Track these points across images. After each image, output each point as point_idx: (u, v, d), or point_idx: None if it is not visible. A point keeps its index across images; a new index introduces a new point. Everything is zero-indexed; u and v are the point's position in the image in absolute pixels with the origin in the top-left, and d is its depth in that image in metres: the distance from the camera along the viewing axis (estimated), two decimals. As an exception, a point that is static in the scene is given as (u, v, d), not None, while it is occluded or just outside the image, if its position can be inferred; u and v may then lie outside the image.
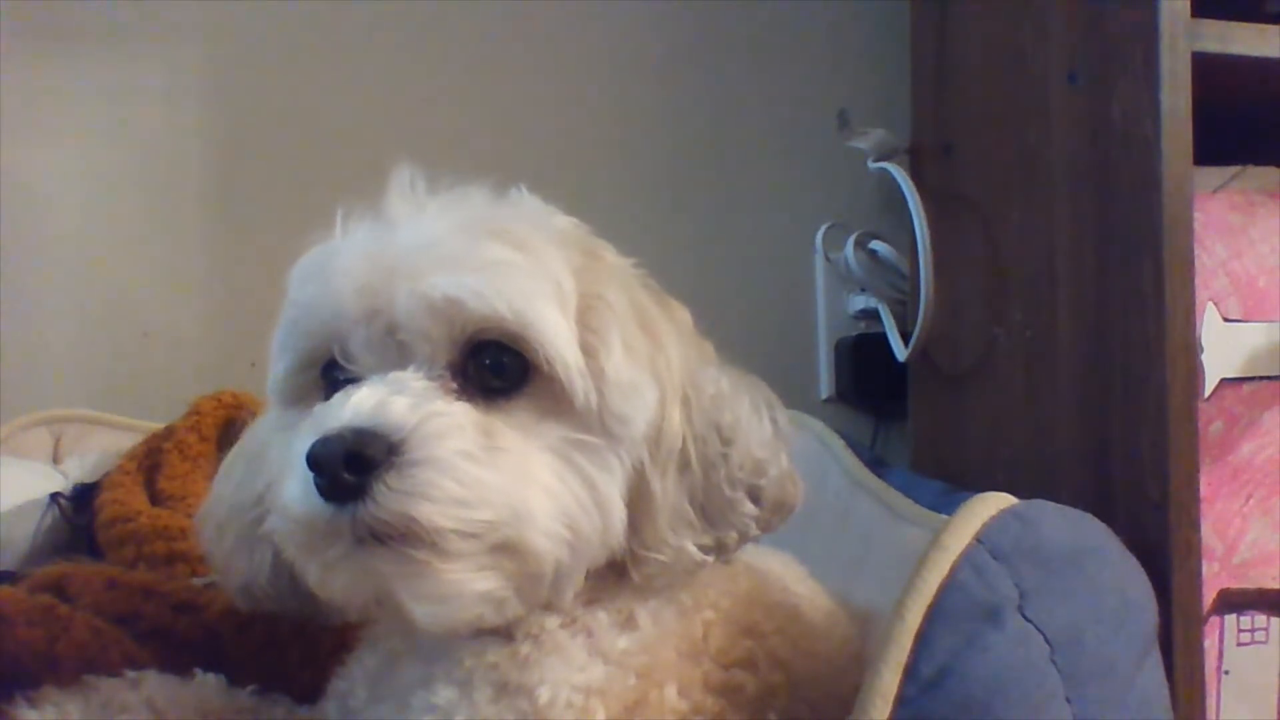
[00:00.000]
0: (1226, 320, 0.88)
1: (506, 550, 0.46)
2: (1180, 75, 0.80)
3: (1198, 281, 0.82)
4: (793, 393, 1.21)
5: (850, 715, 0.53)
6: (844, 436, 0.97)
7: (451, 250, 0.48)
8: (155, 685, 0.59)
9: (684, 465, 0.51)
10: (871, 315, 1.22)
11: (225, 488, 0.58)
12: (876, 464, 0.92)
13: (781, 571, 0.68)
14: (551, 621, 0.51)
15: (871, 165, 1.16)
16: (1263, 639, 0.87)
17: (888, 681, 0.52)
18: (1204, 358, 0.85)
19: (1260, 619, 0.87)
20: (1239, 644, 0.87)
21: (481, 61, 1.15)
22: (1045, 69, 0.94)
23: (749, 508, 0.52)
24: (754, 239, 1.22)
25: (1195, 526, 0.80)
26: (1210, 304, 0.87)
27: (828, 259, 1.23)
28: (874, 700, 0.52)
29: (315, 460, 0.44)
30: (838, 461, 0.92)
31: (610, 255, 0.55)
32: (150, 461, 0.88)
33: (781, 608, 0.60)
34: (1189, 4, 0.81)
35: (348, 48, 1.12)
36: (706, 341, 0.57)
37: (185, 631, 0.64)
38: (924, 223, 1.08)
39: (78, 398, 1.02)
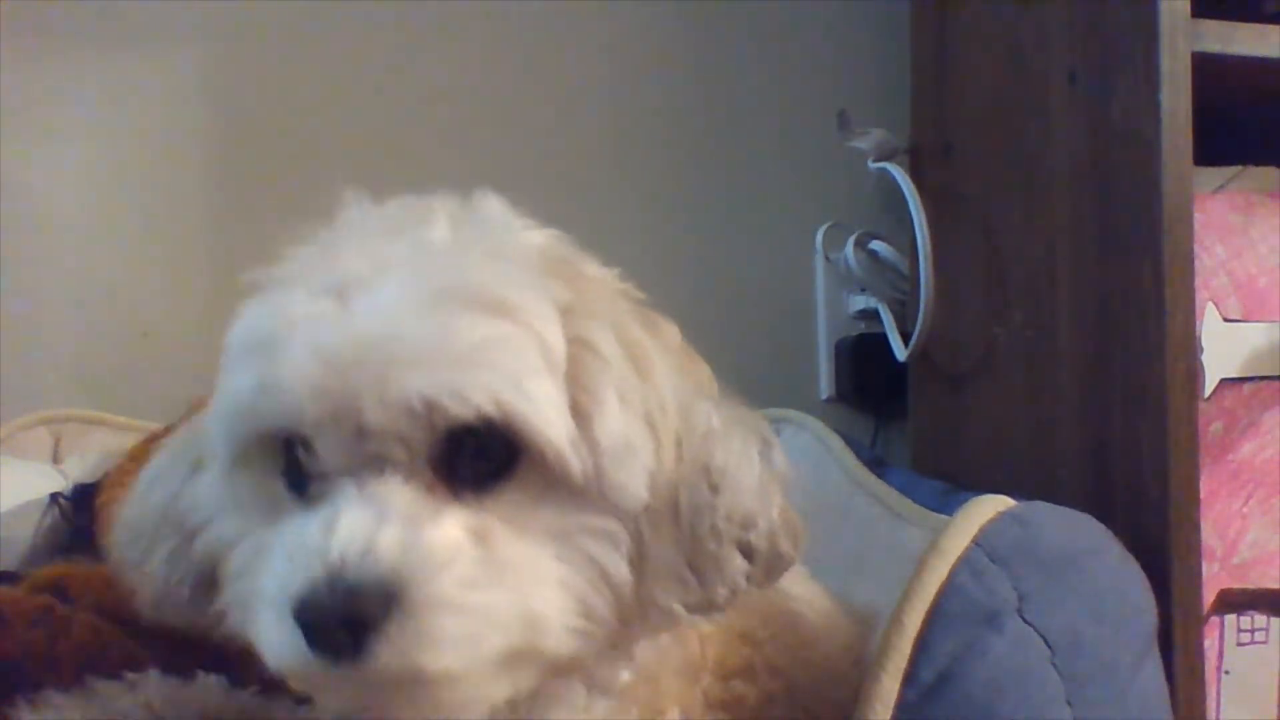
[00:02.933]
0: (1226, 320, 0.88)
1: (520, 657, 0.43)
2: (1180, 75, 0.80)
3: (1198, 281, 0.82)
4: (793, 393, 1.22)
5: (850, 721, 0.53)
6: (844, 436, 0.97)
7: (422, 339, 0.42)
8: (156, 686, 0.59)
9: (675, 517, 0.46)
10: (871, 315, 1.22)
11: (156, 496, 0.52)
12: (876, 464, 0.92)
13: (781, 572, 0.68)
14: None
15: (871, 165, 1.16)
16: (1263, 639, 0.87)
17: (887, 687, 0.52)
18: (1204, 358, 0.85)
19: (1260, 619, 0.87)
20: (1239, 644, 0.87)
21: (481, 61, 1.15)
22: (1045, 69, 0.94)
23: (738, 563, 0.47)
24: (754, 239, 1.22)
25: (1195, 526, 0.80)
26: (1210, 304, 0.87)
27: (828, 259, 1.23)
28: (874, 706, 0.52)
29: (306, 621, 0.40)
30: (837, 461, 0.92)
31: (593, 270, 0.51)
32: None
33: (779, 613, 0.59)
34: (1189, 4, 0.81)
35: (348, 48, 1.12)
36: (699, 361, 0.53)
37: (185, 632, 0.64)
38: (924, 223, 1.08)
39: (78, 398, 1.02)
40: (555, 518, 0.44)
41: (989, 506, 0.59)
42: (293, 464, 0.45)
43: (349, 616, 0.39)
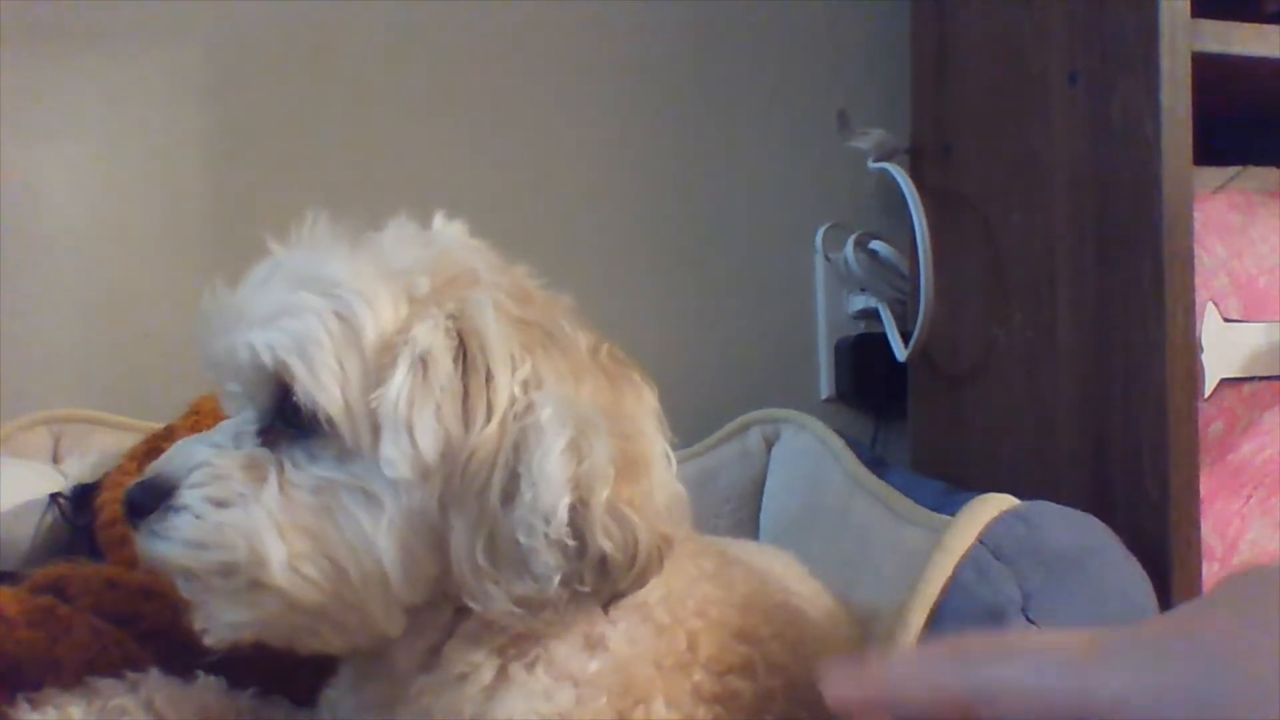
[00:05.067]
0: (1226, 320, 0.88)
1: (258, 588, 0.49)
2: (1180, 75, 0.80)
3: (1198, 281, 0.83)
4: (793, 393, 1.22)
5: (852, 717, 0.53)
6: (844, 436, 0.97)
7: (255, 304, 0.51)
8: (156, 686, 0.59)
9: (485, 508, 0.48)
10: (871, 315, 1.22)
11: None
12: (876, 464, 0.92)
13: (783, 572, 0.68)
14: (477, 656, 0.51)
15: (871, 165, 1.16)
16: (1263, 639, 0.87)
17: (890, 683, 0.52)
18: (1204, 358, 0.85)
19: (1260, 619, 0.87)
20: (1239, 644, 0.87)
21: (480, 61, 1.15)
22: (1045, 69, 0.94)
23: (551, 559, 0.47)
24: (754, 239, 1.22)
25: (1195, 526, 0.80)
26: (1210, 304, 0.87)
27: (828, 259, 1.23)
28: (876, 702, 0.52)
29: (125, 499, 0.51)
30: (837, 461, 0.93)
31: (491, 276, 0.54)
32: (151, 461, 0.87)
33: (781, 611, 0.60)
34: (1189, 4, 0.81)
35: (348, 48, 1.12)
36: (624, 369, 0.53)
37: (186, 632, 0.64)
38: (924, 223, 1.08)
39: (78, 398, 1.02)
40: (330, 474, 0.49)
41: (993, 505, 0.59)
42: None
43: (133, 504, 0.51)
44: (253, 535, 0.48)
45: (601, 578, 0.48)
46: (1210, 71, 0.81)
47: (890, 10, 1.20)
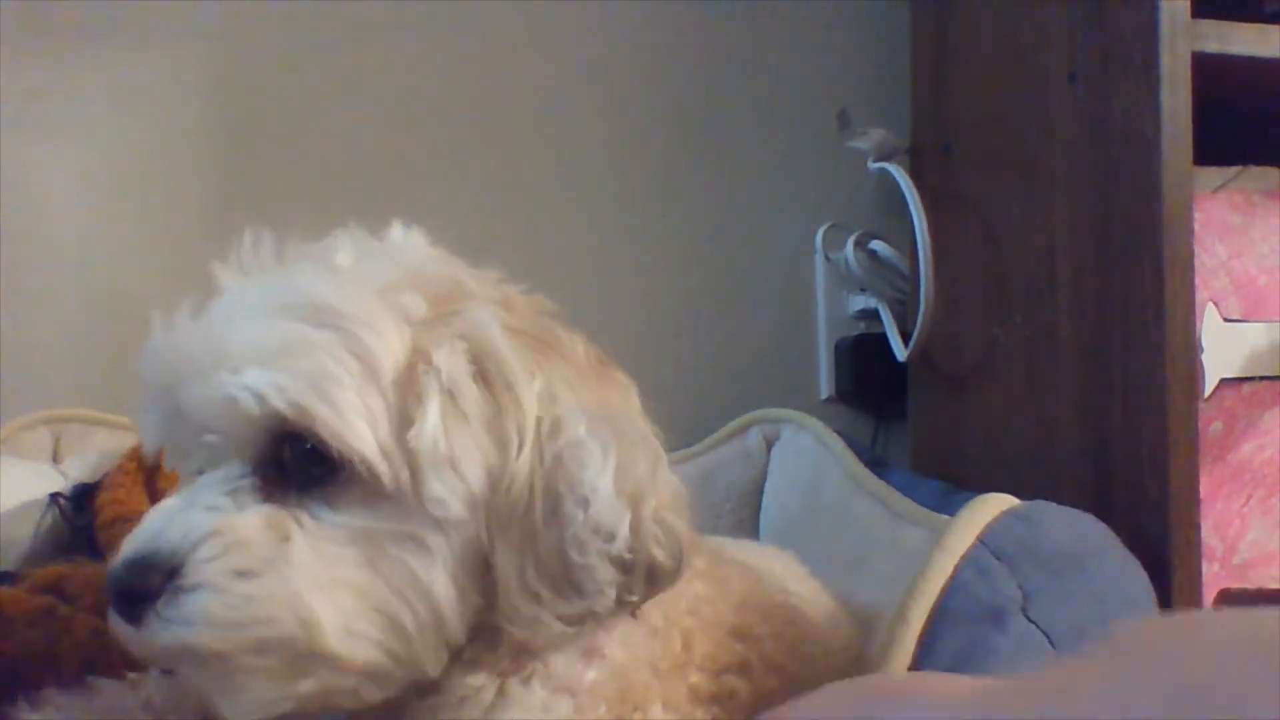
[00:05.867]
0: (1226, 320, 0.88)
1: (310, 658, 0.45)
2: (1180, 75, 0.80)
3: (1198, 281, 0.83)
4: (793, 393, 1.22)
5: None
6: (844, 436, 0.97)
7: (238, 340, 0.45)
8: (156, 686, 0.59)
9: (530, 531, 0.46)
10: (871, 315, 1.22)
11: None
12: (876, 464, 0.92)
13: (782, 571, 0.68)
14: (477, 680, 0.49)
15: (871, 165, 1.16)
16: (1263, 639, 0.87)
17: (890, 683, 0.52)
18: (1204, 358, 0.85)
19: (1260, 619, 0.87)
20: (1239, 644, 0.87)
21: (482, 60, 1.15)
22: (1045, 69, 0.94)
23: (606, 575, 0.46)
24: (754, 239, 1.22)
25: (1195, 526, 0.80)
26: (1210, 304, 0.87)
27: (828, 259, 1.23)
28: (876, 701, 0.52)
29: (110, 591, 0.44)
30: (837, 461, 0.92)
31: (478, 287, 0.51)
32: (151, 461, 0.87)
33: (779, 610, 0.59)
34: (1189, 4, 0.81)
35: (348, 47, 1.12)
36: (611, 372, 0.52)
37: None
38: (924, 223, 1.08)
39: (78, 398, 1.02)
40: (365, 522, 0.45)
41: (993, 505, 0.59)
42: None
43: (131, 589, 0.44)
44: (296, 602, 0.44)
45: (651, 585, 0.48)
46: (1210, 71, 0.81)
47: (890, 10, 1.20)
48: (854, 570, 0.78)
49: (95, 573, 0.67)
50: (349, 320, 0.45)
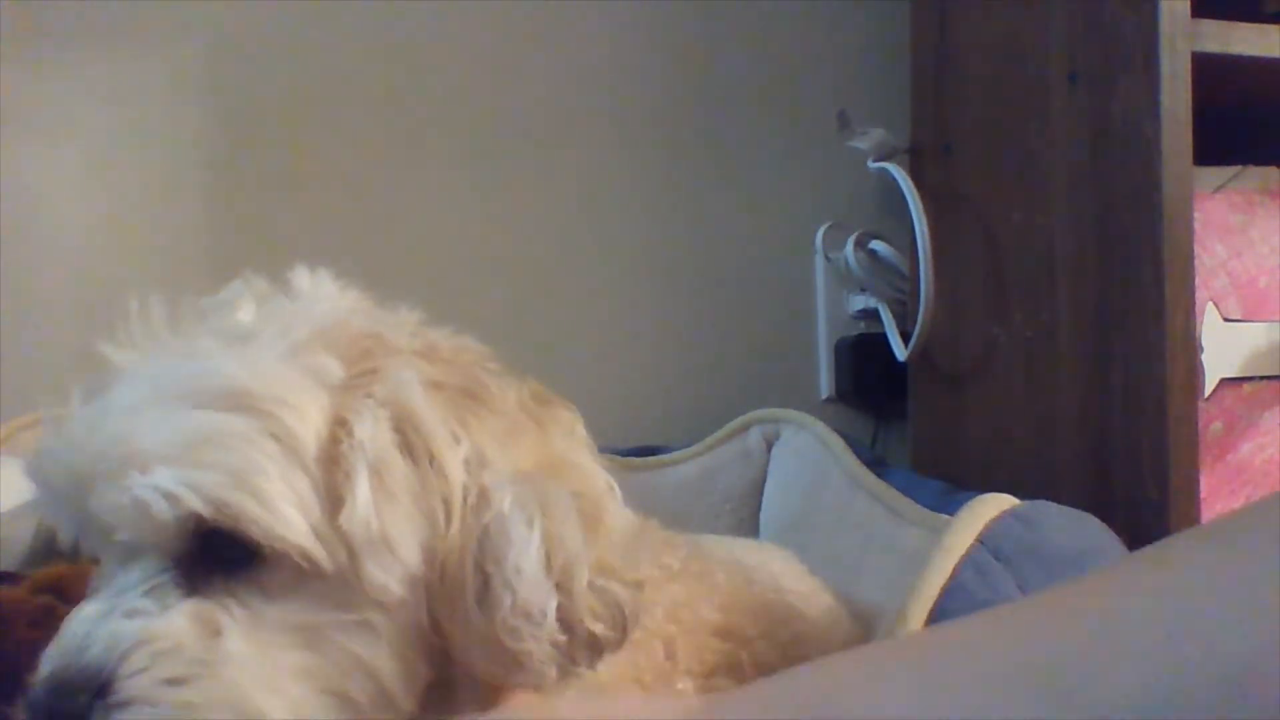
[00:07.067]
0: (1226, 320, 0.88)
1: None
2: (1180, 75, 0.80)
3: (1198, 281, 0.83)
4: (793, 393, 1.22)
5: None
6: (844, 436, 0.97)
7: (144, 435, 0.42)
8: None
9: (465, 612, 0.44)
10: (871, 315, 1.22)
11: None
12: (876, 464, 0.92)
13: (780, 569, 0.68)
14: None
15: (871, 165, 1.16)
16: (1262, 639, 0.87)
17: (890, 683, 0.52)
18: (1204, 358, 0.85)
19: (1260, 619, 0.87)
20: (1239, 644, 0.87)
21: (481, 60, 1.15)
22: (1045, 69, 0.94)
23: (542, 653, 0.44)
24: (754, 239, 1.22)
25: (1195, 526, 0.80)
26: (1210, 304, 0.87)
27: (828, 259, 1.23)
28: (876, 701, 0.51)
29: (31, 709, 0.41)
30: (838, 461, 0.93)
31: (396, 338, 0.48)
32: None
33: (771, 610, 0.59)
34: (1189, 4, 0.81)
35: (349, 47, 1.12)
36: (546, 420, 0.49)
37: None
38: (924, 223, 1.08)
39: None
40: (302, 610, 0.43)
41: (993, 505, 0.59)
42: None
43: (59, 714, 0.40)
44: (240, 702, 0.41)
45: (594, 653, 0.46)
46: (1210, 71, 0.81)
47: (890, 11, 1.20)
48: (854, 570, 0.78)
49: (95, 572, 0.67)
50: (263, 400, 0.42)
